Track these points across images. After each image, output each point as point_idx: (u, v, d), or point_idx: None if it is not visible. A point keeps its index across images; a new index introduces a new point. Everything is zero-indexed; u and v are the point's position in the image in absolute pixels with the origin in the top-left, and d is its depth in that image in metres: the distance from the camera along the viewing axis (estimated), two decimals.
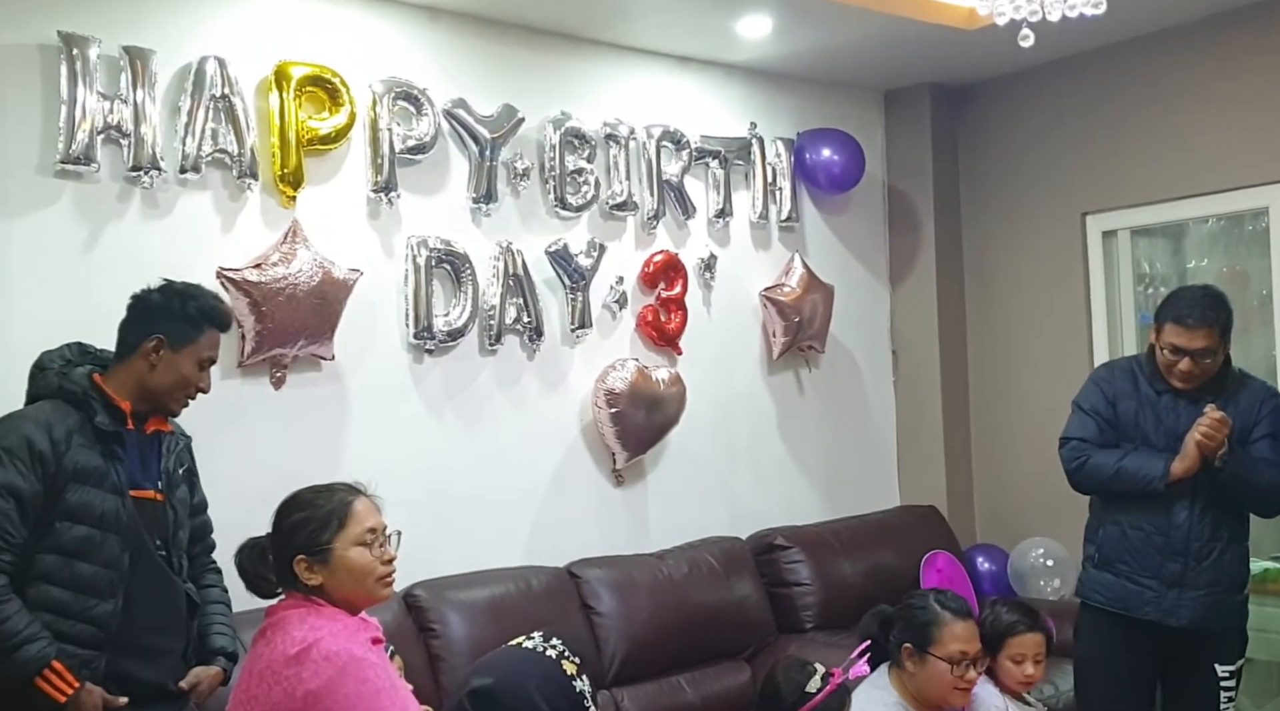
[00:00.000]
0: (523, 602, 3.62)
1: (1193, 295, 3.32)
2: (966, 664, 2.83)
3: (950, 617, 2.85)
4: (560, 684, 1.83)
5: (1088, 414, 3.44)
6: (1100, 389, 3.46)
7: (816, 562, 4.34)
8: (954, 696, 2.86)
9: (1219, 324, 3.23)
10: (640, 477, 4.32)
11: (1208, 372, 3.26)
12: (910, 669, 2.87)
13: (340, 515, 2.22)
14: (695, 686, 3.89)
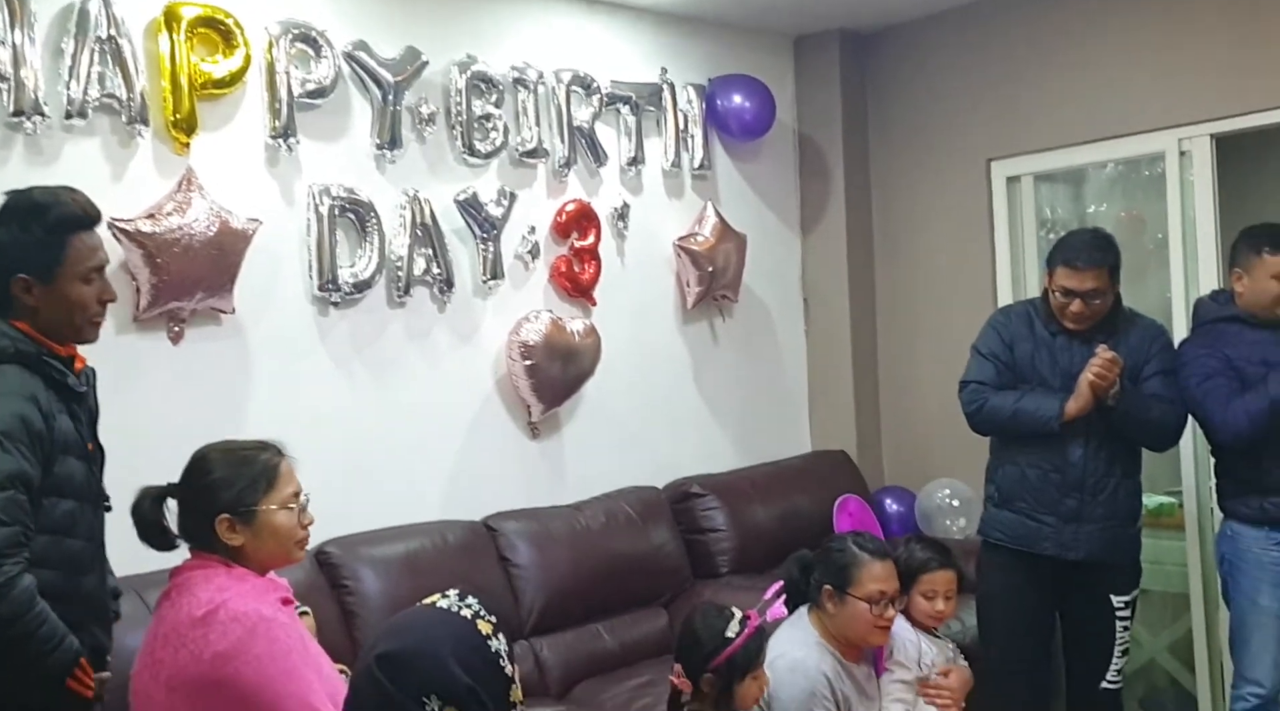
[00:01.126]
0: (439, 557, 3.58)
1: (1082, 238, 3.39)
2: (885, 603, 2.87)
3: (869, 558, 2.89)
4: (475, 645, 1.77)
5: (985, 357, 3.51)
6: (998, 332, 3.53)
7: (731, 509, 4.37)
8: (873, 635, 2.90)
9: (1107, 265, 3.31)
10: (556, 430, 4.27)
11: (1098, 313, 3.35)
12: (831, 610, 2.90)
13: (269, 476, 2.18)
14: (614, 633, 3.90)
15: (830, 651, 2.88)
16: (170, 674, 2.02)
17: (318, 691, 2.02)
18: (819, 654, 2.85)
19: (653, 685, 3.56)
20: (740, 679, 2.57)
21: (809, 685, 2.78)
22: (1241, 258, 3.39)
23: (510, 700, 1.80)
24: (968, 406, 3.52)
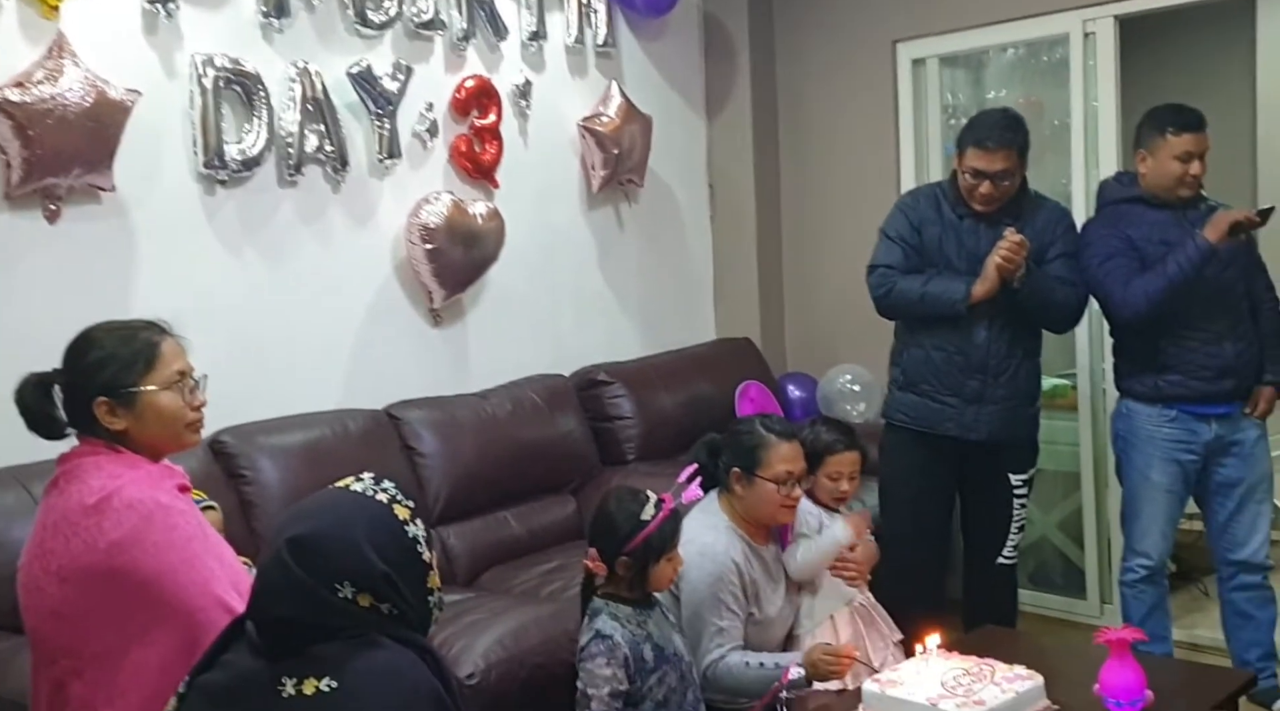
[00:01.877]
0: (340, 446, 3.48)
1: (992, 118, 3.39)
2: (792, 482, 2.88)
3: (776, 440, 2.89)
4: (391, 530, 1.70)
5: (893, 241, 3.50)
6: (905, 215, 3.52)
7: (637, 396, 4.34)
8: (781, 514, 2.91)
9: (1017, 145, 3.31)
10: (459, 317, 4.16)
11: (1006, 194, 3.36)
12: (739, 492, 2.90)
13: (147, 356, 2.04)
14: (521, 520, 3.87)
15: (740, 536, 2.89)
16: (62, 564, 1.91)
17: (220, 579, 1.93)
18: (728, 539, 2.86)
19: (562, 570, 3.55)
20: (655, 561, 2.56)
21: (717, 569, 2.80)
22: (1146, 138, 3.41)
23: (428, 586, 1.74)
24: (875, 290, 3.50)
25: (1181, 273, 3.29)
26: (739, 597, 2.82)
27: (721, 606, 2.78)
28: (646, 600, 2.62)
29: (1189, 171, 3.33)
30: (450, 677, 1.69)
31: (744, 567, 2.84)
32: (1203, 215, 3.34)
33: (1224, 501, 3.44)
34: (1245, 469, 3.40)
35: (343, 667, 1.58)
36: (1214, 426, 3.40)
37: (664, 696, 2.54)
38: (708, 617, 2.77)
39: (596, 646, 2.49)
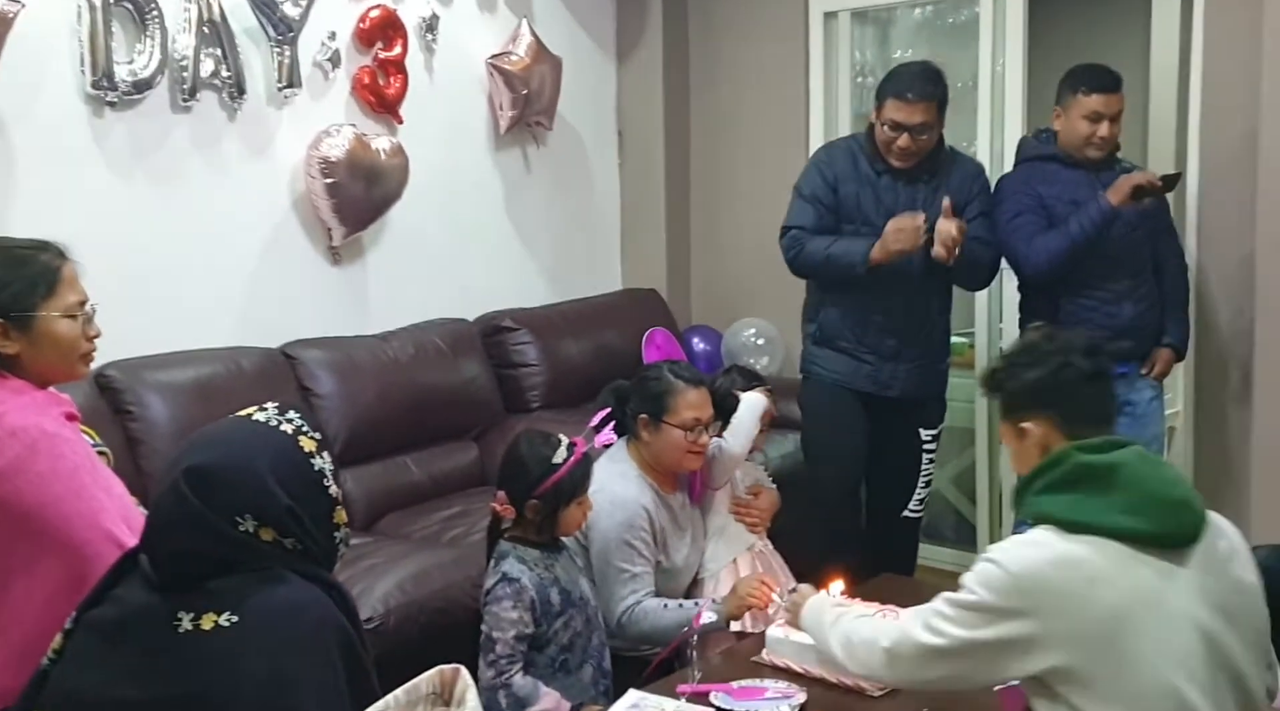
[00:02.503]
0: (232, 384, 3.36)
1: (913, 70, 3.35)
2: (699, 429, 2.86)
3: (683, 386, 2.87)
4: (296, 462, 1.63)
5: (807, 200, 3.45)
6: (820, 173, 3.46)
7: (543, 343, 4.28)
8: (688, 460, 2.90)
9: (937, 98, 3.28)
10: (359, 256, 4.04)
11: (925, 148, 3.32)
12: (646, 438, 2.88)
13: (49, 280, 1.95)
14: (422, 466, 3.79)
15: (649, 484, 2.87)
16: None
17: (109, 511, 1.83)
18: (638, 487, 2.84)
19: (464, 516, 3.49)
20: (565, 505, 2.52)
21: (628, 517, 2.78)
22: (1061, 97, 3.44)
23: (334, 522, 1.68)
24: (786, 252, 3.47)
25: (1083, 233, 3.34)
26: (649, 544, 2.80)
27: (634, 553, 2.77)
28: (554, 544, 2.58)
29: (1097, 132, 3.36)
30: (356, 612, 1.63)
31: (654, 515, 2.83)
32: (1115, 177, 3.37)
33: None
34: (1137, 428, 3.43)
35: (243, 602, 1.51)
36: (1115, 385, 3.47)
37: (569, 640, 2.51)
38: (619, 564, 2.75)
39: (503, 589, 2.45)
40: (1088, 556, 1.76)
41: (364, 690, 1.52)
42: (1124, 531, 1.77)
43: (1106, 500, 1.79)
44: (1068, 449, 1.85)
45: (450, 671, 1.06)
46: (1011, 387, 1.97)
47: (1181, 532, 1.81)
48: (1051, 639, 1.74)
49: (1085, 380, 1.92)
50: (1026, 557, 1.79)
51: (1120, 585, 1.75)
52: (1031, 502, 1.87)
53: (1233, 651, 1.80)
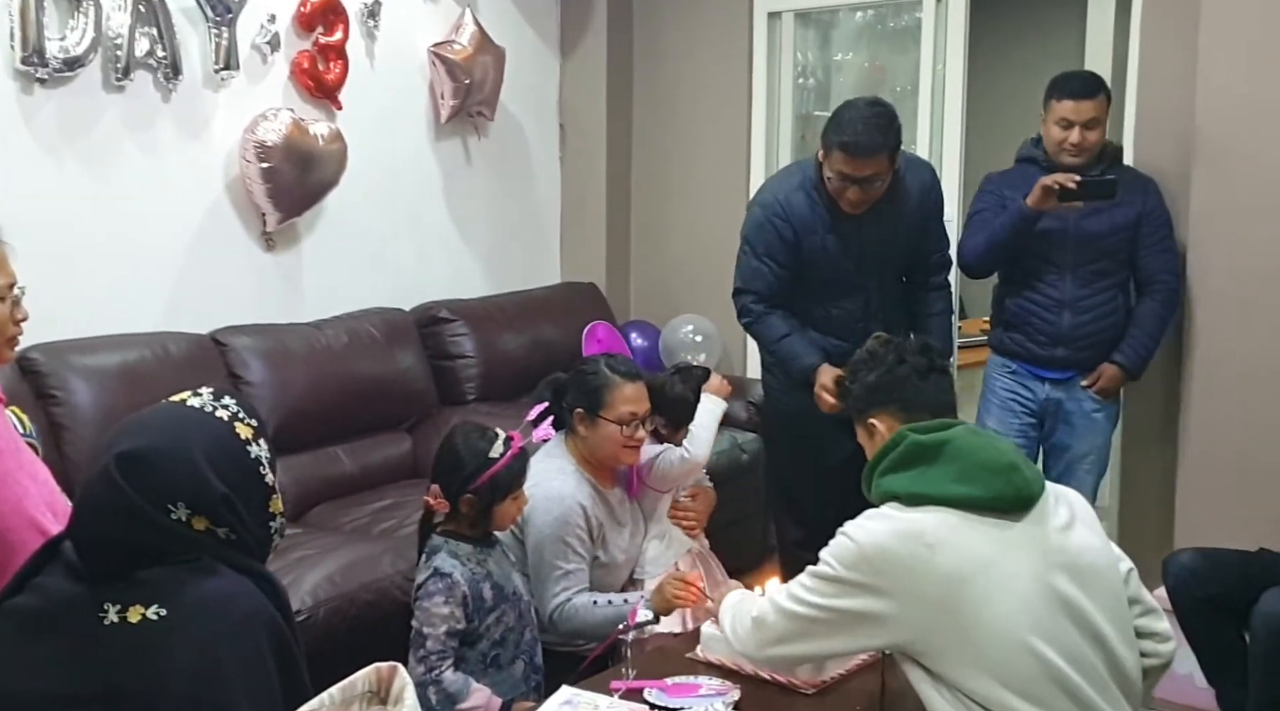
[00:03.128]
0: (160, 370, 3.29)
1: (859, 118, 2.97)
2: (635, 424, 2.84)
3: (620, 380, 2.84)
4: (231, 449, 1.59)
5: (760, 258, 3.16)
6: (778, 230, 3.12)
7: (480, 336, 4.25)
8: (624, 455, 2.88)
9: (888, 148, 2.99)
10: (294, 242, 3.97)
11: (878, 196, 3.06)
12: (583, 433, 2.86)
13: None
14: (354, 457, 3.75)
15: (586, 479, 2.86)
16: None
17: (34, 497, 1.78)
18: (575, 483, 2.82)
19: (396, 508, 3.45)
20: (500, 499, 2.50)
21: (563, 513, 2.75)
22: (1044, 101, 3.45)
23: (270, 511, 1.64)
24: (740, 318, 3.28)
25: (1000, 232, 3.38)
26: (584, 541, 2.79)
27: (568, 550, 2.75)
28: (487, 538, 2.56)
29: (1069, 138, 3.35)
30: (289, 605, 1.60)
31: (590, 511, 2.81)
32: None
33: (1054, 464, 3.54)
34: (1073, 438, 3.49)
35: (172, 594, 1.48)
36: (1048, 388, 3.50)
37: (501, 636, 2.49)
38: (553, 562, 2.74)
39: (435, 584, 2.42)
40: (928, 525, 1.89)
41: (295, 684, 1.49)
42: (959, 499, 1.90)
43: (940, 472, 1.93)
44: (902, 431, 2.01)
45: (388, 669, 1.04)
46: (856, 391, 2.17)
47: (1014, 496, 1.93)
48: (900, 609, 1.86)
49: (918, 375, 2.11)
50: (872, 529, 1.92)
51: (960, 549, 1.86)
52: (877, 484, 2.01)
53: (1088, 611, 1.91)
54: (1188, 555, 3.10)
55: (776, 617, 2.02)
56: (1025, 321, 3.49)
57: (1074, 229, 3.38)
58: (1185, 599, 3.05)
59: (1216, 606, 2.99)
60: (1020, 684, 1.83)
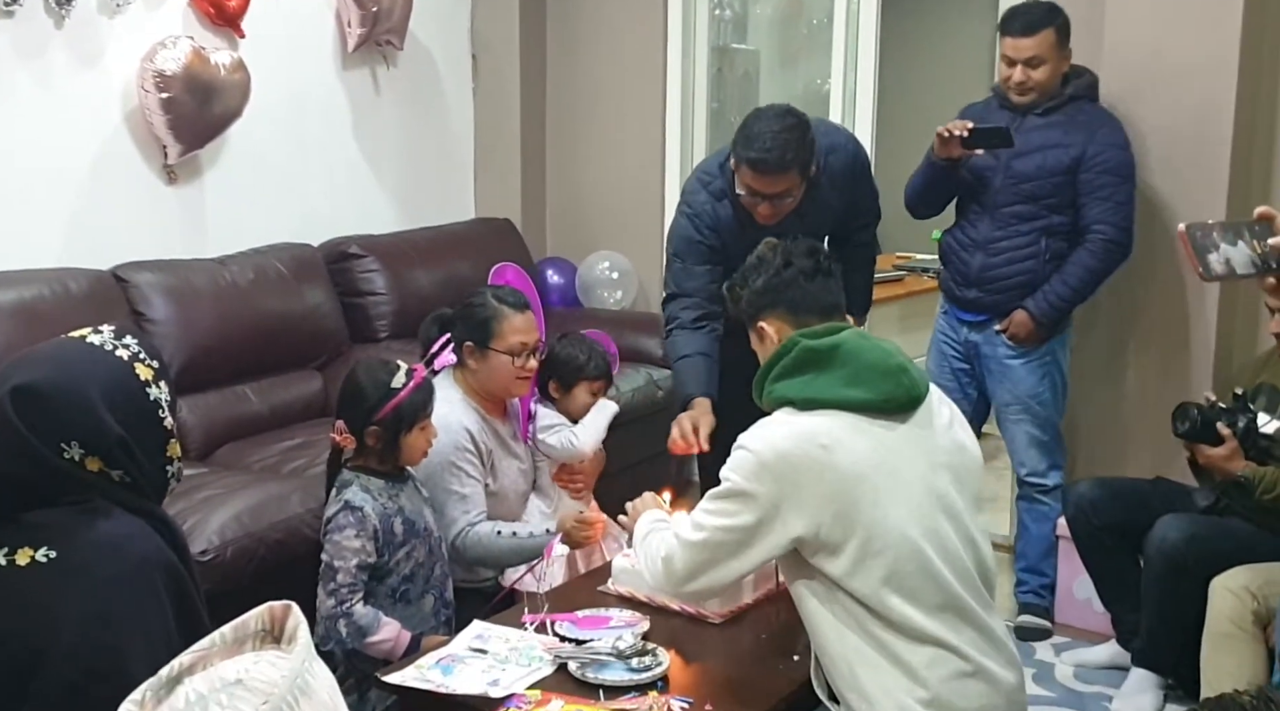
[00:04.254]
0: (58, 308, 3.20)
1: (768, 132, 2.77)
2: (526, 354, 2.83)
3: (509, 311, 2.82)
4: (130, 389, 1.55)
5: (690, 267, 3.00)
6: (704, 240, 2.98)
7: (392, 272, 4.18)
8: (515, 386, 2.87)
9: (799, 165, 2.80)
10: (196, 175, 3.86)
11: (790, 210, 2.89)
12: (473, 365, 2.84)
13: None
14: (263, 395, 3.68)
15: (473, 406, 2.84)
16: None
17: None
18: (462, 410, 2.81)
19: (306, 447, 3.41)
20: (407, 430, 2.48)
21: (452, 438, 2.73)
22: None
23: (167, 455, 1.61)
24: (664, 325, 3.10)
25: (918, 178, 3.40)
26: (475, 464, 2.79)
27: (460, 473, 2.74)
28: (400, 474, 2.54)
29: (1012, 76, 3.29)
30: (186, 547, 1.57)
31: (478, 436, 2.80)
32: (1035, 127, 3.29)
33: (995, 414, 3.55)
34: (993, 384, 3.47)
35: (63, 536, 1.44)
36: (966, 330, 3.49)
37: (411, 571, 2.48)
38: (448, 486, 2.73)
39: (345, 518, 2.41)
40: (822, 427, 1.94)
41: (194, 627, 1.47)
42: (850, 401, 1.96)
43: (831, 376, 1.98)
44: (794, 337, 2.04)
45: (281, 608, 1.03)
46: (746, 296, 2.17)
47: (903, 396, 1.99)
48: (799, 508, 1.90)
49: (805, 277, 2.12)
50: (768, 436, 1.96)
51: (854, 449, 1.92)
52: (769, 390, 2.05)
53: (962, 512, 2.00)
54: (1086, 485, 3.19)
55: (684, 552, 2.03)
56: (948, 260, 3.50)
57: (1003, 169, 3.31)
58: (1084, 527, 3.15)
59: (1113, 534, 3.09)
60: (904, 583, 1.90)
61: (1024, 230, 3.33)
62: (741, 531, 1.96)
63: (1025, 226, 3.32)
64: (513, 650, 2.19)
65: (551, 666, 2.12)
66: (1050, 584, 3.50)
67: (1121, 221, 3.28)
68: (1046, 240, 3.32)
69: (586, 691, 2.04)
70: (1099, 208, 3.26)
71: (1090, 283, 3.31)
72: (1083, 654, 3.29)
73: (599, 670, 2.09)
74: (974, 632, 1.97)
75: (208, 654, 1.01)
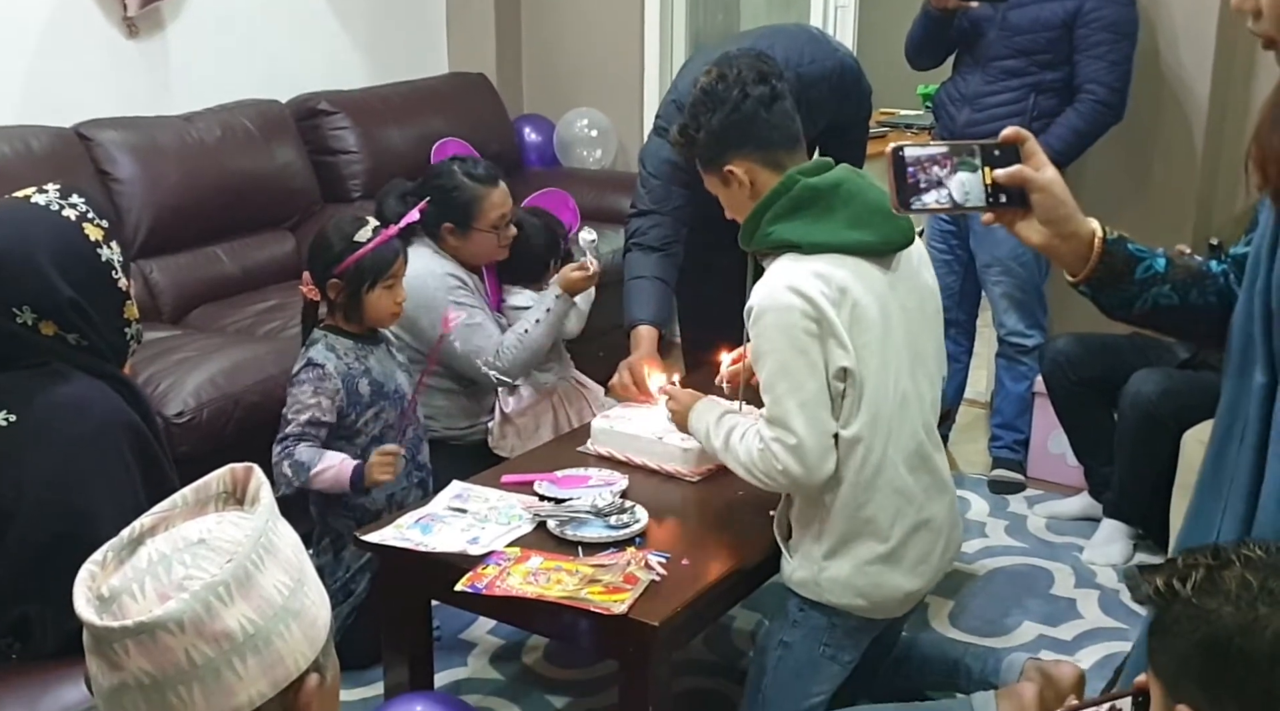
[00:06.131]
0: (21, 167, 3.11)
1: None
2: (505, 224, 2.88)
3: (486, 188, 2.85)
4: (80, 251, 1.50)
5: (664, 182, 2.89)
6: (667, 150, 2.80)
7: (364, 129, 4.07)
8: (499, 253, 2.94)
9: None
10: (159, 28, 3.72)
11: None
12: (454, 243, 2.86)
13: None
14: (234, 256, 3.62)
15: (449, 259, 2.87)
16: None
17: None
18: (439, 261, 2.84)
19: (280, 309, 3.37)
20: (370, 287, 2.43)
21: (440, 282, 2.78)
22: None
23: (124, 317, 1.57)
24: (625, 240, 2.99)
25: (916, 29, 3.32)
26: (471, 293, 2.86)
27: (466, 306, 2.78)
28: (372, 336, 2.52)
29: None
30: (150, 408, 1.55)
31: (463, 276, 2.86)
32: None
33: (978, 273, 3.50)
34: (976, 245, 3.44)
35: (22, 400, 1.42)
36: None
37: (380, 432, 2.48)
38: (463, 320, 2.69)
39: (306, 374, 2.40)
40: (831, 271, 1.88)
41: (162, 489, 1.46)
42: (854, 245, 1.90)
43: (834, 218, 1.90)
44: (792, 175, 1.93)
45: (243, 469, 1.01)
46: (703, 138, 2.00)
47: (900, 239, 1.96)
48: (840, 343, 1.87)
49: (764, 107, 1.96)
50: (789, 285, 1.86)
51: (861, 299, 1.88)
52: (767, 233, 1.94)
53: (930, 356, 2.03)
54: (1064, 340, 3.20)
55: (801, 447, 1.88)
56: (938, 115, 3.44)
57: (999, 21, 3.22)
58: (1060, 382, 3.17)
59: (1089, 388, 3.11)
60: (890, 429, 1.92)
61: (1013, 85, 3.25)
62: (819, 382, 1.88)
63: (1015, 82, 3.25)
64: (492, 509, 2.20)
65: (531, 524, 2.14)
66: (1025, 439, 3.54)
67: (1115, 82, 3.18)
68: (1036, 97, 3.23)
69: (565, 548, 2.06)
70: (1093, 66, 3.17)
71: (1076, 146, 3.22)
72: (1055, 506, 3.34)
73: (578, 527, 2.10)
74: (929, 478, 2.02)
75: (170, 515, 1.00)
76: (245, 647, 0.90)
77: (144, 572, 0.92)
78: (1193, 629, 1.03)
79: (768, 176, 1.97)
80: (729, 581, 2.06)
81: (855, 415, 1.91)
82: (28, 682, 1.34)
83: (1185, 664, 1.04)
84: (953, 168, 1.31)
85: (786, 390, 1.87)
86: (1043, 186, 1.29)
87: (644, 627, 1.86)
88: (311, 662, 0.95)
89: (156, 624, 0.87)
